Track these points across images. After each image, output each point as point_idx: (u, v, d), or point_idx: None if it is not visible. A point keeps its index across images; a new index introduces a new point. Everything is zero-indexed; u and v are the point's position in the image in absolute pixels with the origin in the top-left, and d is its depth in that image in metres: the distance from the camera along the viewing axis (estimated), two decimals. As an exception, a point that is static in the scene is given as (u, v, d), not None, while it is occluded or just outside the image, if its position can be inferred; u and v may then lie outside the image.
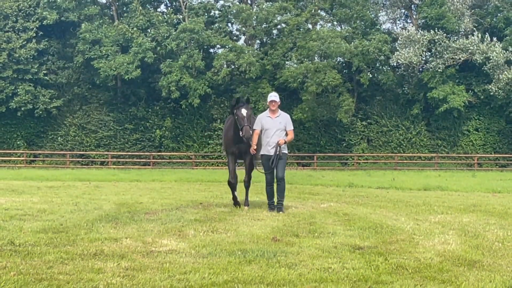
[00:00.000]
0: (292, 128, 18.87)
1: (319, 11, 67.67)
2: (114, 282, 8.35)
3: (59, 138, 65.88)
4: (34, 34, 62.72)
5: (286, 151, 18.69)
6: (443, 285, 8.58)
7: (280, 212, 17.79)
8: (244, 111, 18.17)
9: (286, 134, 18.61)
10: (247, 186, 19.76)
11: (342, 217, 16.91)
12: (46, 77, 63.98)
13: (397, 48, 64.73)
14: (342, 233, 13.60)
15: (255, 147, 18.25)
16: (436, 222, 15.77)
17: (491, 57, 62.39)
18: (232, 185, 19.47)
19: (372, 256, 10.65)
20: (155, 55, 62.81)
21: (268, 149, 18.27)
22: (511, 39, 64.16)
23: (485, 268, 9.69)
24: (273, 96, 18.81)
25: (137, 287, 8.15)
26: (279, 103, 18.76)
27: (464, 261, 10.29)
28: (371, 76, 67.15)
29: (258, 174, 19.70)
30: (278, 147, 18.00)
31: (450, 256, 10.75)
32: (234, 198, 19.43)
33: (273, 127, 18.29)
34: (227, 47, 64.01)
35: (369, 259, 10.36)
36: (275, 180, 18.52)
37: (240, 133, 18.01)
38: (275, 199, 18.64)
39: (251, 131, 18.01)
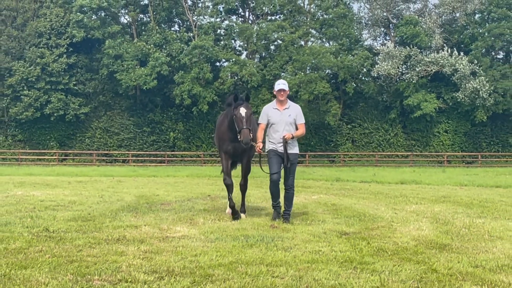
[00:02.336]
0: (304, 121, 13.91)
1: (310, 30, 67.61)
2: (134, 263, 8.34)
3: (86, 139, 65.85)
4: (65, 50, 62.66)
5: (297, 151, 13.78)
6: (418, 265, 8.57)
7: (286, 222, 13.10)
8: (243, 111, 13.34)
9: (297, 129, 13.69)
10: (243, 190, 14.99)
11: (330, 207, 16.88)
12: (75, 87, 63.92)
13: (378, 61, 64.78)
14: (331, 220, 13.59)
15: (261, 146, 13.41)
16: (412, 211, 15.74)
17: (459, 69, 62.48)
18: (229, 185, 14.24)
19: (356, 240, 10.64)
20: (170, 68, 62.75)
21: (275, 146, 13.54)
22: (476, 53, 64.22)
23: (453, 251, 9.69)
24: (281, 84, 13.72)
25: (155, 267, 8.14)
26: (288, 92, 13.86)
27: (435, 245, 10.28)
28: (355, 85, 67.16)
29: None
30: (286, 144, 13.28)
31: (424, 241, 10.73)
32: (232, 206, 13.81)
33: (282, 121, 13.48)
34: (231, 60, 63.93)
35: (354, 243, 10.35)
36: (280, 182, 13.85)
37: (238, 137, 13.30)
38: (282, 204, 13.93)
39: (251, 135, 13.13)
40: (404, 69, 65.69)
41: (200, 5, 68.18)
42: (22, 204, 16.26)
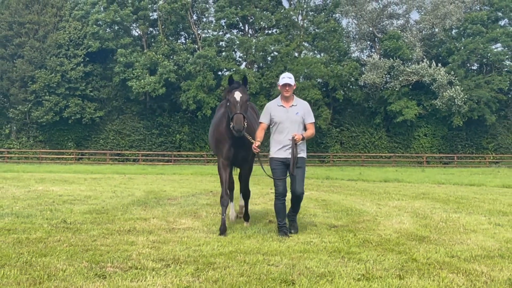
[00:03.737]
0: (313, 120, 11.05)
1: (303, 42, 67.61)
2: (144, 252, 8.35)
3: (101, 140, 65.80)
4: (82, 59, 62.62)
5: (304, 155, 10.85)
6: (399, 255, 8.56)
7: (292, 231, 10.76)
8: (238, 95, 10.61)
9: (305, 129, 10.95)
10: (246, 197, 12.03)
11: (320, 202, 16.89)
12: (91, 93, 63.88)
13: (364, 71, 64.85)
14: (321, 214, 13.61)
15: (257, 144, 10.51)
16: (394, 207, 15.74)
17: (437, 79, 62.54)
18: (224, 203, 11.15)
19: (344, 232, 10.64)
20: (177, 76, 62.71)
21: (280, 151, 10.64)
22: (452, 65, 64.33)
23: (432, 242, 9.69)
24: (287, 77, 10.92)
25: (162, 256, 8.14)
26: (294, 87, 11.00)
27: (415, 237, 10.28)
28: (344, 93, 67.30)
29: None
30: (295, 146, 10.40)
31: (405, 233, 10.73)
32: (223, 222, 10.75)
33: (288, 120, 10.65)
34: (232, 70, 63.87)
35: (342, 235, 10.36)
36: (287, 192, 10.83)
37: (230, 124, 10.53)
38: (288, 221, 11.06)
39: (245, 123, 10.35)
40: (388, 78, 65.73)
41: (204, 20, 68.17)
42: (42, 198, 16.27)
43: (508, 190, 24.17)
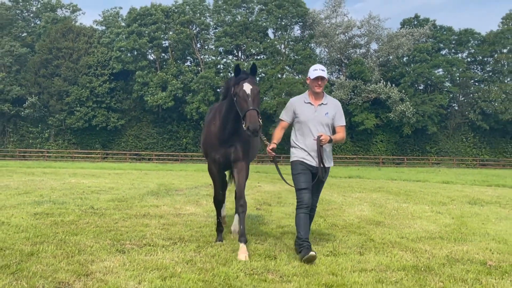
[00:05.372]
0: (344, 123, 7.67)
1: (285, 66, 67.65)
2: (156, 232, 8.35)
3: (122, 143, 65.62)
4: (107, 78, 62.48)
5: (331, 164, 7.59)
6: (360, 236, 8.60)
7: (311, 253, 6.53)
8: (248, 87, 6.91)
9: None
10: (242, 211, 7.39)
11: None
12: (114, 105, 63.70)
13: (333, 90, 64.95)
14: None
15: (272, 147, 7.15)
16: (356, 197, 15.79)
17: (391, 96, 62.84)
18: (220, 203, 8.22)
19: (316, 218, 10.65)
20: (183, 92, 62.67)
21: (304, 153, 7.26)
22: (404, 85, 64.70)
23: (386, 226, 9.74)
24: (320, 69, 7.42)
25: (170, 235, 8.14)
26: (326, 82, 7.60)
27: (373, 222, 10.32)
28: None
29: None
30: (320, 148, 7.20)
31: (364, 218, 10.77)
32: (219, 224, 8.10)
33: (314, 121, 7.31)
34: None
35: (314, 220, 10.35)
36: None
37: (243, 125, 6.77)
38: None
39: (260, 120, 6.74)
40: (352, 95, 65.83)
41: (205, 47, 68.04)
42: (74, 189, 16.23)
43: (447, 185, 24.33)
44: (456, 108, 70.26)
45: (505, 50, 68.30)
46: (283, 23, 67.50)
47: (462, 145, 69.86)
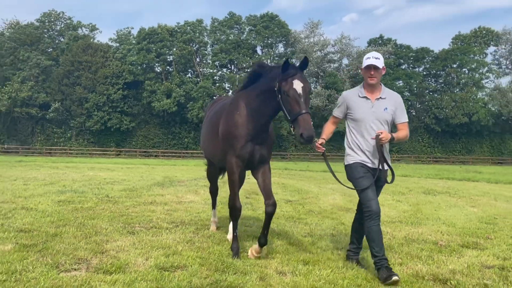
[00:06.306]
0: (407, 120, 5.42)
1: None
2: (161, 217, 8.34)
3: (133, 142, 65.32)
4: (121, 86, 62.15)
5: (389, 162, 5.48)
6: (333, 220, 8.63)
7: (395, 278, 4.64)
8: (298, 85, 5.00)
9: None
10: (271, 213, 5.66)
11: (281, 185, 16.92)
12: (127, 110, 63.39)
13: (311, 98, 64.92)
14: (281, 193, 13.64)
15: (321, 141, 5.55)
16: (330, 188, 15.82)
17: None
18: (238, 212, 5.83)
19: (296, 205, 10.70)
20: (185, 99, 62.52)
21: (362, 155, 5.30)
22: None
23: (354, 212, 9.75)
24: (373, 57, 5.20)
25: (173, 219, 8.13)
26: (384, 72, 5.28)
27: (344, 208, 10.36)
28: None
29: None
30: (381, 147, 5.16)
31: (337, 206, 10.81)
32: (235, 238, 5.74)
33: (372, 118, 5.21)
34: (223, 95, 63.69)
35: (294, 207, 10.40)
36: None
37: (291, 129, 4.97)
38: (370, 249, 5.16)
39: (311, 123, 4.88)
40: (327, 103, 65.96)
41: (204, 61, 67.94)
42: (92, 180, 16.16)
43: (406, 178, 24.45)
44: (414, 113, 70.44)
45: (454, 65, 68.71)
46: (269, 41, 67.54)
47: (419, 145, 70.18)
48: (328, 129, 5.90)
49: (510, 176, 27.16)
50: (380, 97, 5.30)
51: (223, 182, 8.02)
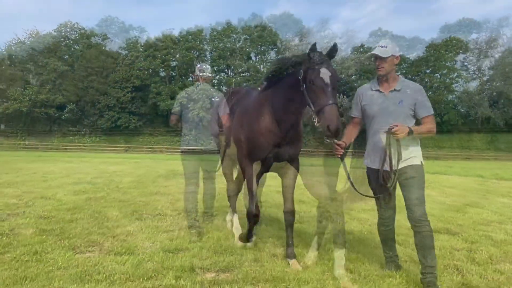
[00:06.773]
0: (432, 112, 4.05)
1: (264, 82, 67.16)
2: (165, 205, 8.33)
3: (140, 139, 65.06)
4: (130, 89, 61.85)
5: (418, 161, 4.31)
6: (319, 209, 8.65)
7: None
8: (325, 74, 3.82)
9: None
10: (291, 222, 5.30)
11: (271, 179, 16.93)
12: (135, 110, 63.10)
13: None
14: (273, 185, 13.64)
15: (341, 144, 4.45)
16: (316, 180, 15.84)
17: (343, 105, 62.66)
18: (255, 219, 5.15)
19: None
20: (187, 101, 62.32)
21: (371, 156, 4.50)
22: (352, 97, 64.89)
23: (338, 201, 9.80)
24: (379, 46, 4.18)
25: (176, 207, 8.14)
26: (397, 61, 4.21)
27: (330, 198, 10.36)
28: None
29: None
30: (390, 145, 4.02)
31: (323, 196, 10.81)
32: (250, 234, 5.28)
33: (385, 112, 4.15)
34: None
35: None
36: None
37: (314, 121, 3.91)
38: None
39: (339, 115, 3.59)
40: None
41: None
42: (104, 173, 16.09)
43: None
44: (392, 114, 70.74)
45: (428, 71, 68.99)
46: (262, 49, 67.60)
47: (396, 142, 70.43)
48: (349, 132, 4.68)
49: (478, 170, 27.30)
50: (395, 89, 4.27)
51: (220, 178, 7.99)
